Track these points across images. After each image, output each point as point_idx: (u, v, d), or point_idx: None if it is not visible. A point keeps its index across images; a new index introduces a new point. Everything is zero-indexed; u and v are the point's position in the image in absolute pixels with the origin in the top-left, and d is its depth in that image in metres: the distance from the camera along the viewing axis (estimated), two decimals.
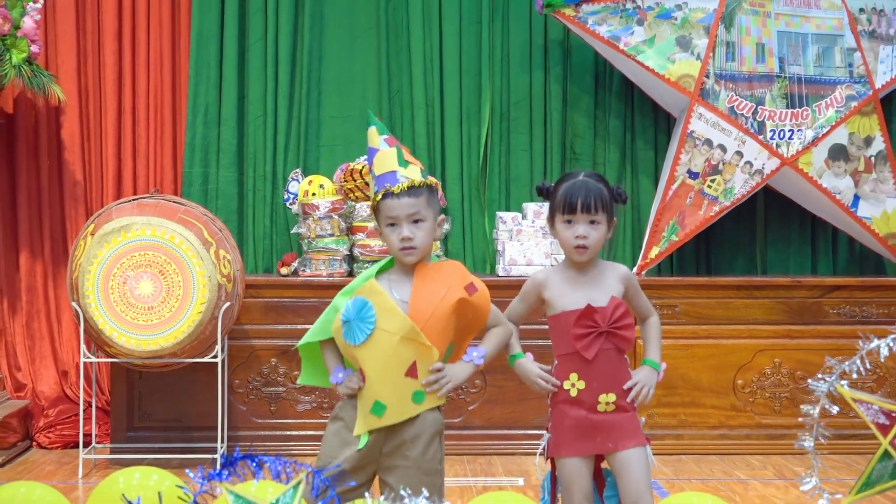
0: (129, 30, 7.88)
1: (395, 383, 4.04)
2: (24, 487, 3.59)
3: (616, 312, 4.14)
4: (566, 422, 4.19)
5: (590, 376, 4.15)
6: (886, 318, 7.28)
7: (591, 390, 4.15)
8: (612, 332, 4.14)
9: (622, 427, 4.18)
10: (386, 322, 3.99)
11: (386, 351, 4.01)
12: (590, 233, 4.16)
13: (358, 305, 4.02)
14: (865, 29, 7.70)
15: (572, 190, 4.18)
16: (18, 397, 7.67)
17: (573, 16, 7.61)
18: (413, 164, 4.13)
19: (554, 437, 4.24)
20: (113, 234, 6.64)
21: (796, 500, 6.19)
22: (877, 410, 3.39)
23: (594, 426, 4.16)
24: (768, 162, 7.58)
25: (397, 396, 4.04)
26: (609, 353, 4.16)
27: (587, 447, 4.18)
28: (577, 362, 4.16)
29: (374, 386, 4.05)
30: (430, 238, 4.10)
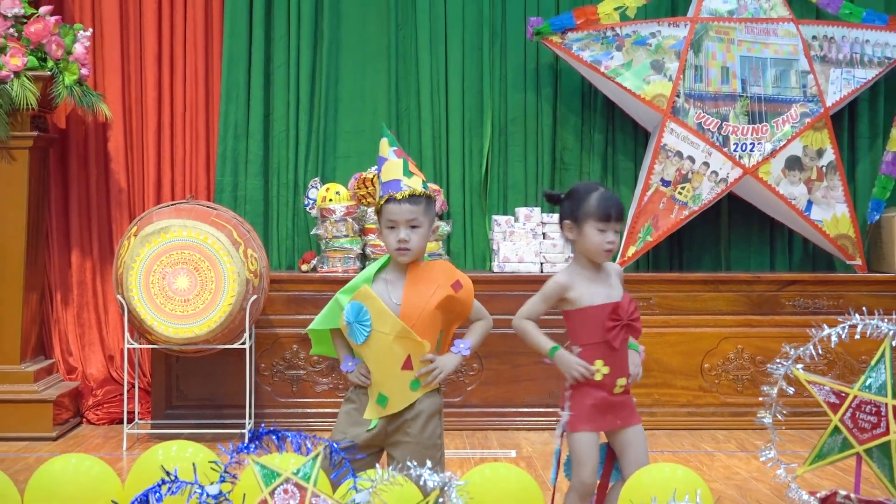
0: (168, 54, 7.88)
1: (394, 376, 4.07)
2: (74, 459, 3.58)
3: (631, 307, 4.21)
4: (587, 401, 4.19)
5: (613, 363, 4.18)
6: (836, 310, 7.26)
7: (612, 375, 4.18)
8: (630, 324, 4.19)
9: (629, 406, 4.24)
10: (380, 324, 4.04)
11: (383, 349, 4.05)
12: (616, 239, 4.23)
13: (355, 310, 4.08)
14: (818, 54, 7.69)
15: (608, 202, 4.22)
16: (70, 379, 7.66)
17: (560, 42, 7.61)
18: (416, 175, 4.15)
19: (576, 414, 4.21)
20: (153, 235, 6.64)
21: (757, 471, 6.18)
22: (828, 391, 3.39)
23: (610, 406, 4.19)
24: (732, 171, 7.58)
25: (398, 388, 4.07)
26: (625, 343, 4.22)
27: (602, 424, 4.21)
28: (604, 350, 4.18)
29: (377, 379, 4.08)
30: (424, 242, 4.13)
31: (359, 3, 7.97)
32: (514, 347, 7.19)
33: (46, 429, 7.05)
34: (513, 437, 7.15)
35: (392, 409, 4.06)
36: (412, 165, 4.16)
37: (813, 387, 3.53)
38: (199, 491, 3.19)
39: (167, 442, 3.67)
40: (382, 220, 4.13)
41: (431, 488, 3.11)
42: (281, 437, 3.38)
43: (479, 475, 3.60)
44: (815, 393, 3.55)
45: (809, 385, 3.52)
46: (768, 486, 5.79)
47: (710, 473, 6.14)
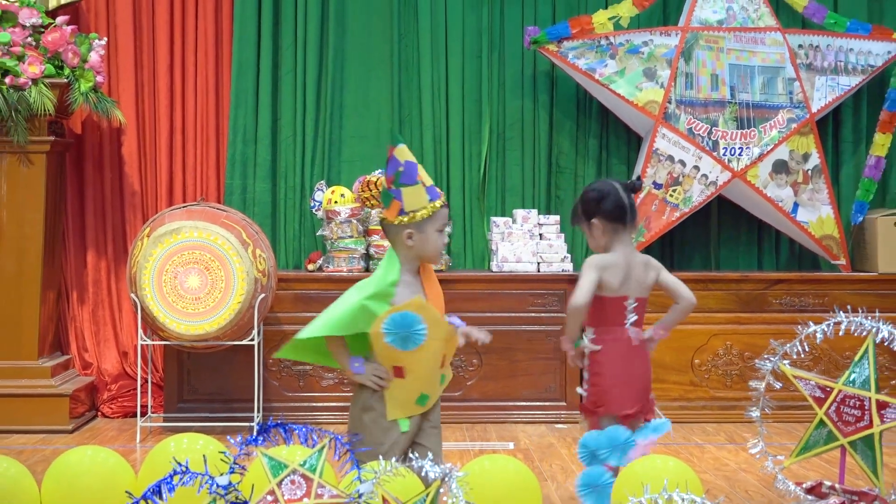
0: (180, 62, 7.88)
1: (434, 376, 4.09)
2: (90, 451, 3.58)
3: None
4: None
5: None
6: (821, 308, 7.26)
7: None
8: None
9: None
10: (435, 332, 4.00)
11: (432, 353, 4.03)
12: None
13: (409, 320, 3.96)
14: (803, 62, 7.69)
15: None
16: (86, 374, 7.66)
17: (556, 50, 7.61)
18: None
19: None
20: (166, 236, 6.64)
21: (745, 462, 6.18)
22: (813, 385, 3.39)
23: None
24: (721, 175, 7.58)
25: (435, 386, 4.11)
26: None
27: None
28: None
29: (419, 381, 4.04)
30: None
31: (363, 13, 7.97)
32: (512, 344, 7.20)
33: (63, 422, 7.05)
34: (511, 429, 7.15)
35: (427, 408, 4.09)
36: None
37: (799, 381, 3.53)
38: (210, 482, 3.19)
39: (179, 434, 3.67)
40: (432, 224, 4.06)
41: (433, 479, 3.12)
42: (288, 429, 3.39)
43: (478, 466, 3.60)
44: (801, 387, 3.55)
45: (796, 380, 3.52)
46: (756, 478, 5.78)
47: (701, 465, 6.14)
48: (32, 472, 3.55)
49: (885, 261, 7.54)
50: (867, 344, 3.32)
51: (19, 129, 6.98)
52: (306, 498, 3.16)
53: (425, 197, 4.04)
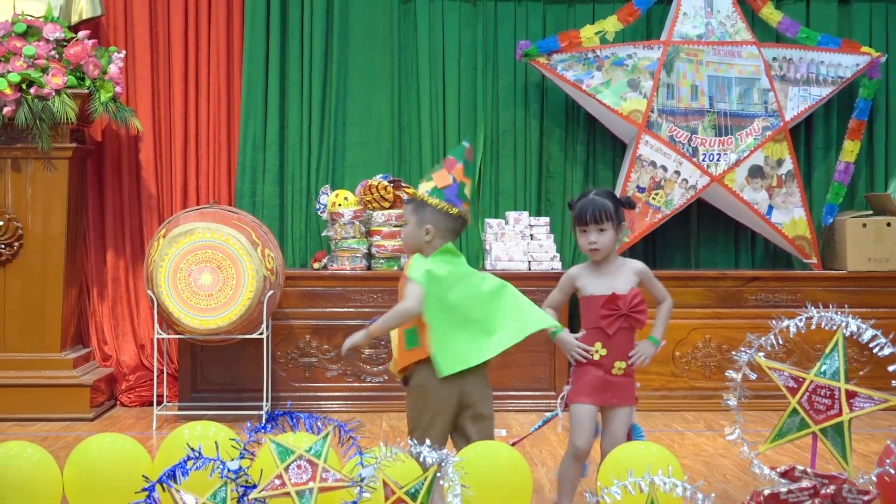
0: (193, 74, 7.87)
1: None
2: (109, 438, 3.58)
3: (634, 300, 4.28)
4: (587, 378, 4.29)
5: (610, 347, 4.27)
6: (794, 303, 7.26)
7: (610, 357, 4.28)
8: (630, 314, 4.26)
9: (626, 388, 4.34)
10: None
11: None
12: (598, 238, 4.26)
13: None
14: (777, 73, 7.69)
15: (582, 207, 4.31)
16: (105, 366, 7.66)
17: (546, 63, 7.61)
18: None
19: (575, 388, 4.32)
20: (180, 237, 6.63)
21: (723, 448, 6.18)
22: (787, 376, 3.38)
23: (608, 384, 4.29)
24: (700, 179, 7.58)
25: None
26: (625, 331, 4.30)
27: (599, 399, 4.30)
28: (602, 335, 4.27)
29: None
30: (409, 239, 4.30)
31: (365, 27, 7.97)
32: None
33: (84, 410, 7.05)
34: (503, 417, 7.14)
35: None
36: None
37: (773, 372, 3.52)
38: (222, 466, 3.19)
39: (192, 422, 3.67)
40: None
41: (430, 464, 3.11)
42: (295, 418, 3.38)
43: (472, 452, 3.60)
44: (775, 378, 3.54)
45: (770, 371, 3.51)
46: (733, 462, 5.78)
47: (681, 451, 6.13)
48: (55, 457, 3.55)
49: (854, 260, 7.54)
50: (837, 337, 3.32)
51: (43, 136, 6.98)
52: (312, 482, 3.16)
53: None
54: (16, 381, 7.03)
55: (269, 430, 3.31)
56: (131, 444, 3.58)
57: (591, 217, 4.28)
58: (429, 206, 4.20)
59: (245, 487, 3.18)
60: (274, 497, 3.16)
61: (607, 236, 4.29)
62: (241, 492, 3.18)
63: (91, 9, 7.54)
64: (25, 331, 7.13)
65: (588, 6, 7.97)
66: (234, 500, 3.16)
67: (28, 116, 6.91)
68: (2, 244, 7.10)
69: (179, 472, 3.20)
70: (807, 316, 3.29)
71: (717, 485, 5.32)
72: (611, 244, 4.33)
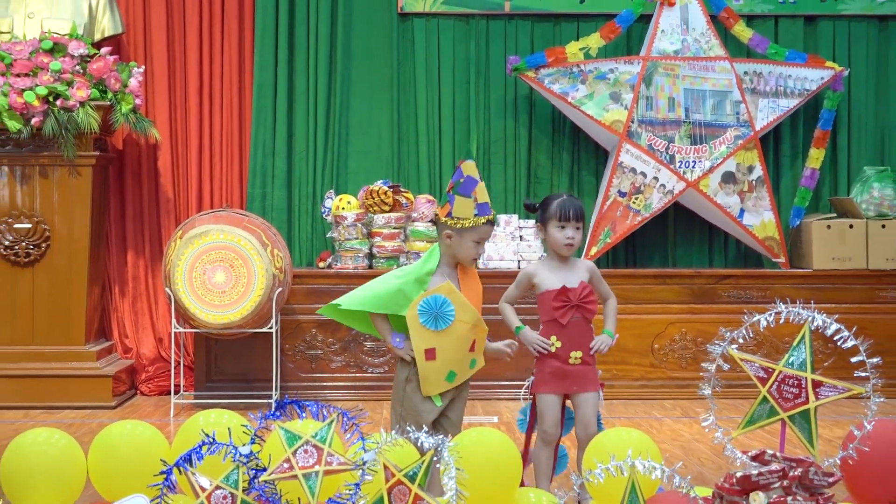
0: (207, 86, 7.87)
1: (463, 358, 4.11)
2: (130, 424, 3.58)
3: (584, 292, 4.29)
4: (546, 369, 4.30)
5: (564, 338, 4.27)
6: (764, 299, 7.27)
7: (566, 348, 4.27)
8: (581, 305, 4.26)
9: (585, 376, 4.30)
10: (462, 315, 4.04)
11: (460, 336, 4.06)
12: (575, 235, 4.31)
13: (439, 301, 4.02)
14: (748, 87, 7.69)
15: (566, 204, 4.33)
16: (126, 358, 7.66)
17: (534, 77, 7.61)
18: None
19: (536, 379, 4.34)
20: (196, 238, 6.63)
21: (698, 433, 6.18)
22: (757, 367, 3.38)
23: (566, 374, 4.28)
24: (677, 184, 7.58)
25: (463, 366, 4.13)
26: (579, 322, 4.29)
27: (559, 388, 4.30)
28: (556, 327, 4.28)
29: (449, 362, 4.08)
30: None
31: (366, 43, 7.96)
32: (496, 331, 7.17)
33: (106, 399, 7.04)
34: (495, 405, 7.14)
35: (456, 384, 4.13)
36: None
37: (745, 363, 3.52)
38: (234, 451, 3.19)
39: (207, 410, 3.66)
40: (469, 234, 4.09)
41: (427, 449, 3.11)
42: (302, 406, 3.38)
43: (466, 437, 3.59)
44: (746, 369, 3.54)
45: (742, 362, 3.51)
46: (708, 447, 5.78)
47: (659, 436, 6.14)
48: (80, 443, 3.55)
49: (819, 259, 7.55)
50: (804, 331, 3.32)
51: (69, 145, 6.97)
52: (317, 465, 3.16)
53: (472, 211, 4.09)
54: (44, 372, 7.03)
55: (277, 418, 3.31)
56: (150, 430, 3.58)
57: (574, 214, 4.34)
58: None
59: (255, 470, 3.18)
60: (282, 479, 3.16)
61: (580, 235, 4.37)
62: (252, 474, 3.18)
63: (112, 27, 7.54)
64: (52, 325, 7.13)
65: (573, 24, 7.97)
66: (245, 482, 3.16)
67: (55, 127, 6.91)
68: (30, 245, 7.09)
69: (195, 456, 3.20)
70: (776, 311, 3.29)
71: (692, 468, 5.32)
72: (580, 241, 4.40)
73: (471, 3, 7.92)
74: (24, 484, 3.40)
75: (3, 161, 7.10)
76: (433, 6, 7.92)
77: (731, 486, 3.04)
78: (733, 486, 3.04)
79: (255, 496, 3.15)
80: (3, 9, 7.37)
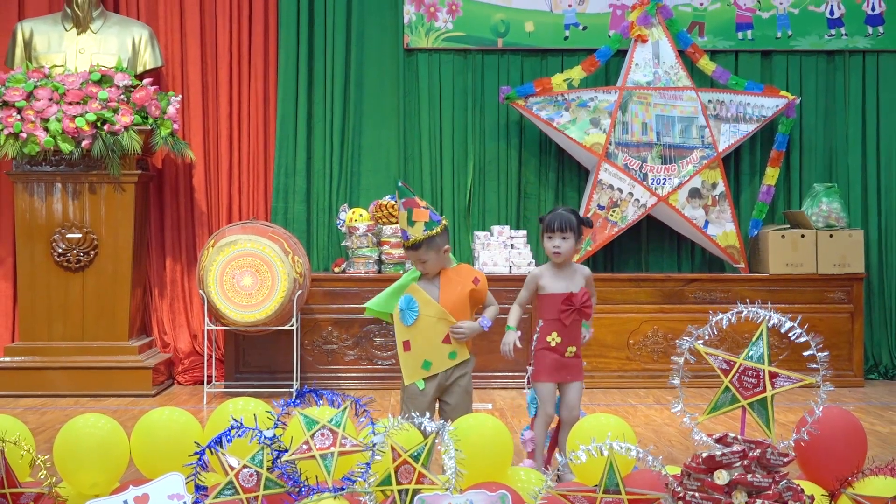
0: (237, 114, 7.88)
1: (436, 348, 4.20)
2: (167, 411, 3.57)
3: (584, 297, 4.40)
4: (546, 361, 4.39)
5: (563, 335, 4.37)
6: (727, 300, 7.27)
7: (564, 343, 4.38)
8: (581, 309, 4.38)
9: (577, 367, 4.44)
10: (426, 309, 4.17)
11: (429, 328, 4.18)
12: (561, 244, 4.35)
13: (407, 300, 4.20)
14: (712, 113, 7.69)
15: (551, 218, 4.43)
16: (164, 351, 7.65)
17: (523, 104, 7.61)
18: (418, 221, 4.21)
19: (536, 369, 4.43)
20: (226, 246, 6.63)
21: (668, 419, 6.18)
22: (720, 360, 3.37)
23: (562, 365, 4.39)
24: (649, 199, 7.57)
25: (439, 355, 4.21)
26: (576, 322, 4.40)
27: (556, 377, 4.40)
28: (559, 326, 4.37)
29: (421, 351, 4.20)
30: (436, 263, 4.23)
31: (376, 76, 7.97)
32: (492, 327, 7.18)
33: (147, 388, 7.04)
34: (490, 394, 7.14)
35: (434, 372, 4.21)
36: (416, 212, 4.22)
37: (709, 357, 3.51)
38: (259, 434, 3.18)
39: (236, 398, 3.65)
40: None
41: (430, 432, 3.10)
42: (319, 395, 3.37)
43: (464, 422, 3.58)
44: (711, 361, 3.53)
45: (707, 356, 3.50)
46: (677, 431, 5.78)
47: (634, 421, 6.13)
48: (124, 427, 3.54)
49: (774, 265, 7.54)
50: (761, 328, 3.31)
51: (114, 165, 6.98)
52: (333, 447, 3.15)
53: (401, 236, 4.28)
54: (92, 365, 7.03)
55: (298, 405, 3.30)
56: (185, 416, 3.56)
57: (558, 226, 4.39)
58: (434, 237, 4.20)
59: (278, 451, 3.17)
60: (302, 459, 3.15)
61: (568, 244, 4.39)
62: (275, 455, 3.16)
63: (153, 61, 7.54)
64: (99, 323, 7.13)
65: (558, 58, 7.97)
66: (269, 462, 3.15)
67: (102, 149, 6.91)
68: (80, 253, 7.09)
69: (225, 439, 3.19)
70: (737, 311, 3.28)
71: (664, 449, 5.31)
72: (570, 251, 4.42)
73: (468, 40, 7.93)
74: (75, 463, 3.40)
75: (56, 179, 7.10)
76: (435, 42, 7.92)
77: (697, 465, 3.04)
78: (699, 466, 3.03)
79: (277, 474, 3.14)
80: (56, 45, 7.38)
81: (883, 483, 3.32)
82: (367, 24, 7.95)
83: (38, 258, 7.10)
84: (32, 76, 7.04)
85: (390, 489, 3.04)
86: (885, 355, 7.93)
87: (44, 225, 7.10)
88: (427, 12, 7.88)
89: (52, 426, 5.81)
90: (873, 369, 7.89)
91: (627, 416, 6.22)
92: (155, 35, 7.61)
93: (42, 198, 7.11)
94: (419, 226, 4.20)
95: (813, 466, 3.53)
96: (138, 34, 7.48)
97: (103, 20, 7.47)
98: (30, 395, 6.90)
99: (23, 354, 7.08)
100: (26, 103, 6.91)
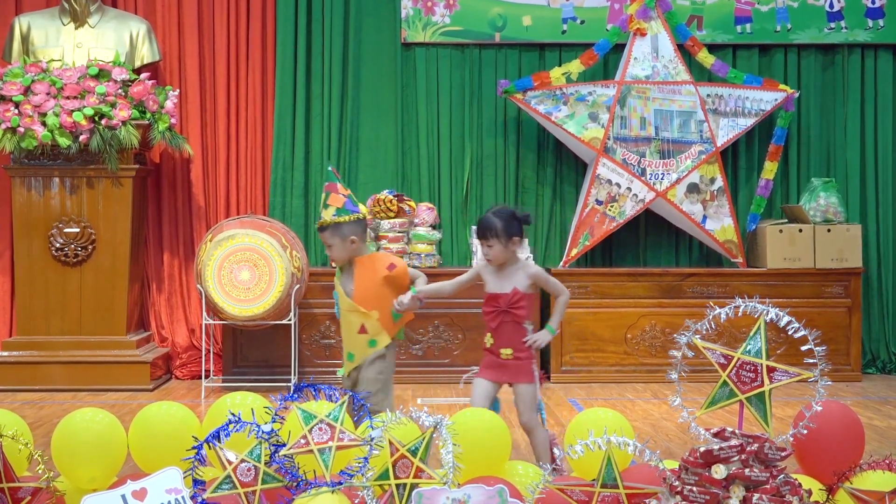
0: (234, 108, 7.87)
1: (354, 339, 4.35)
2: (165, 405, 3.57)
3: (514, 298, 4.23)
4: (485, 360, 4.35)
5: (496, 336, 4.28)
6: (724, 295, 7.27)
7: (497, 345, 4.28)
8: (510, 310, 4.22)
9: (518, 369, 4.28)
10: (342, 303, 4.38)
11: (346, 320, 4.37)
12: (488, 251, 4.26)
13: (335, 295, 4.45)
14: (710, 107, 7.69)
15: (478, 224, 4.37)
16: (162, 346, 7.65)
17: (521, 98, 7.60)
18: (332, 206, 4.33)
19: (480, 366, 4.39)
20: (224, 241, 6.63)
21: (666, 413, 6.18)
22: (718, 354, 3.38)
23: (499, 365, 4.29)
24: (648, 194, 7.57)
25: (358, 346, 4.35)
26: (508, 324, 4.25)
27: (493, 376, 4.32)
28: (489, 327, 4.31)
29: (345, 343, 4.40)
30: (341, 251, 4.34)
31: (374, 70, 7.96)
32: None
33: (145, 383, 7.04)
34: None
35: (357, 363, 4.36)
36: (332, 197, 4.34)
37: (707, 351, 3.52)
38: (257, 429, 3.18)
39: (233, 392, 3.65)
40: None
41: (428, 426, 3.10)
42: (317, 389, 3.37)
43: (462, 417, 3.58)
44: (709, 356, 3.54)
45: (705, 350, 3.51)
46: (675, 425, 5.79)
47: (632, 415, 6.14)
48: (122, 421, 3.54)
49: (772, 259, 7.55)
50: (759, 323, 3.31)
51: (112, 159, 6.98)
52: (331, 441, 3.15)
53: None
54: (90, 359, 7.03)
55: (295, 399, 3.30)
56: (183, 410, 3.57)
57: (480, 234, 4.33)
58: (343, 224, 4.24)
59: (276, 446, 3.18)
60: (300, 454, 3.16)
61: (495, 249, 4.25)
62: (273, 450, 3.17)
63: (151, 55, 7.53)
64: (97, 317, 7.13)
65: (556, 52, 7.97)
66: (267, 456, 3.15)
67: (100, 143, 6.91)
68: (78, 247, 7.09)
69: (223, 433, 3.19)
70: (735, 305, 3.28)
71: (661, 443, 5.32)
72: (500, 255, 4.26)
73: (465, 34, 7.92)
74: (73, 457, 3.40)
75: (54, 173, 7.10)
76: (432, 37, 7.91)
77: (695, 460, 3.04)
78: (697, 460, 3.04)
79: (275, 469, 3.14)
80: (54, 39, 7.37)
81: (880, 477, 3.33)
82: (364, 18, 7.94)
83: (35, 253, 7.09)
84: (30, 70, 7.03)
85: (388, 483, 3.04)
86: (882, 350, 7.95)
87: (41, 219, 7.10)
88: (424, 6, 7.88)
89: (49, 421, 5.81)
90: (871, 364, 7.90)
91: (625, 411, 6.23)
92: (153, 29, 7.60)
93: (40, 192, 7.11)
94: (331, 210, 4.33)
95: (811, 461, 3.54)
96: (136, 28, 7.48)
97: (101, 14, 7.46)
98: (27, 389, 6.90)
99: (20, 349, 7.08)
100: (24, 98, 6.91)
